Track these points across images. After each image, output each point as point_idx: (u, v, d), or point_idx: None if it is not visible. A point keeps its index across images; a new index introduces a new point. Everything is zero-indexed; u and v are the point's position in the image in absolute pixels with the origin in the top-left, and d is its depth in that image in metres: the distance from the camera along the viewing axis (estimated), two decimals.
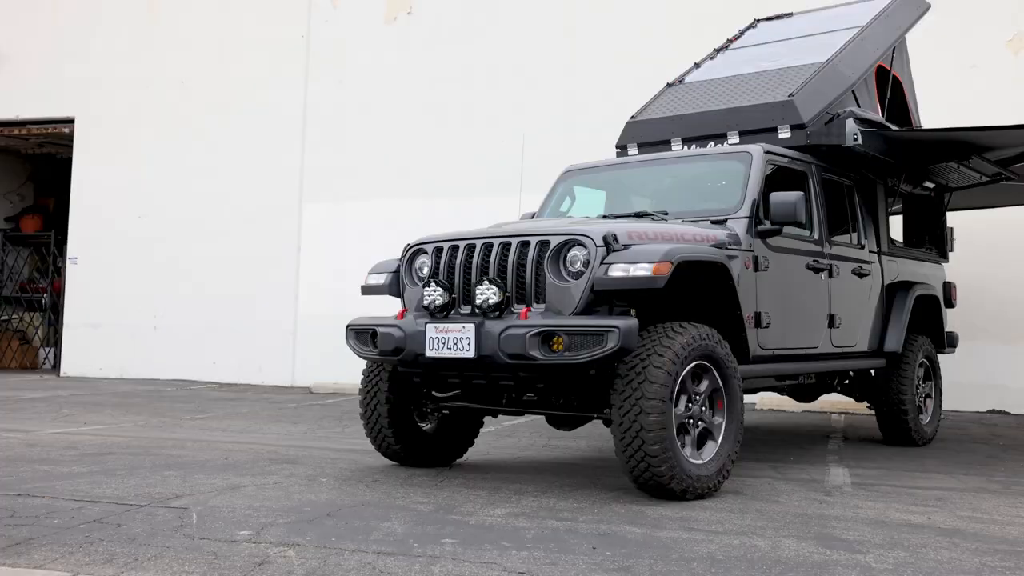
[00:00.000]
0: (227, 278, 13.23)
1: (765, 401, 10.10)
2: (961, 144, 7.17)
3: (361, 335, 5.40)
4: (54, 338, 16.07)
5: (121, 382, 13.02)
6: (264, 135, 13.31)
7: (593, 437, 7.32)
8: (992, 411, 10.05)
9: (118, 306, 13.81)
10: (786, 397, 7.68)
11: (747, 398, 6.99)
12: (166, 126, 13.89)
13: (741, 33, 8.35)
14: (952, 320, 8.33)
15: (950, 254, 8.39)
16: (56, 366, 15.02)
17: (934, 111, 8.96)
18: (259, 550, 3.63)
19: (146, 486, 4.96)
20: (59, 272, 16.02)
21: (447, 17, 12.64)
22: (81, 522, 4.07)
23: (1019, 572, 3.51)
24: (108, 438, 7.02)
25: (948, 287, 8.09)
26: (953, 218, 8.80)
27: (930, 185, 7.97)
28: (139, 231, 13.83)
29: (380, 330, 5.21)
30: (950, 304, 8.08)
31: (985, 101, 9.94)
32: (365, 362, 5.73)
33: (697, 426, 4.86)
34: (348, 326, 5.51)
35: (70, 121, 14.49)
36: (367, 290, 5.76)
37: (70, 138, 14.67)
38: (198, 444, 6.76)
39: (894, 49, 7.75)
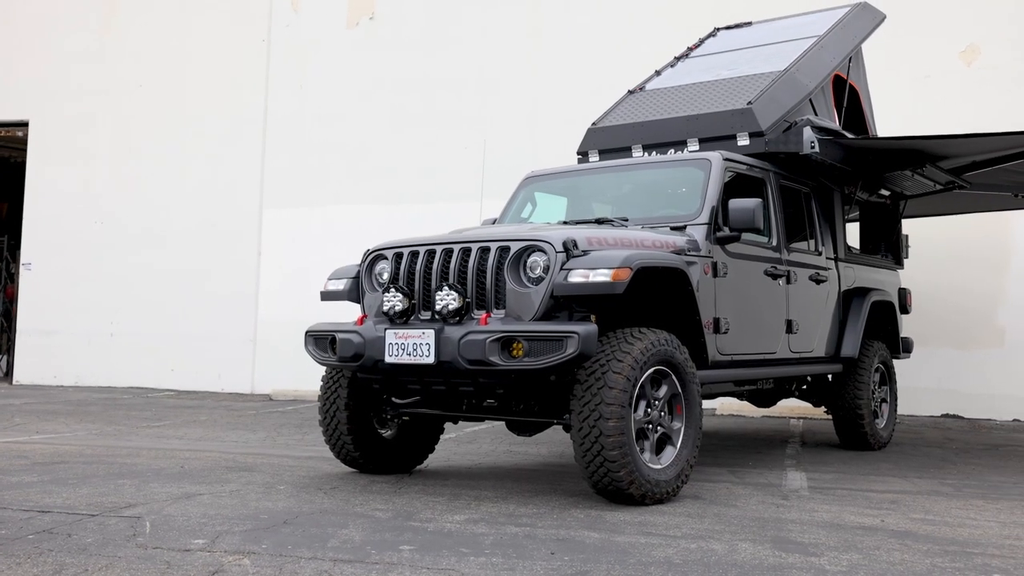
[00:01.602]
0: (185, 284, 13.06)
1: (724, 406, 10.18)
2: (915, 152, 7.30)
3: (320, 341, 5.37)
4: (7, 345, 15.75)
5: (76, 390, 12.80)
6: (223, 140, 13.17)
7: (554, 443, 7.34)
8: (946, 415, 10.21)
9: (73, 313, 13.57)
10: (745, 402, 7.76)
11: (706, 403, 7.06)
12: (123, 130, 13.69)
13: (701, 41, 8.43)
14: (907, 326, 8.46)
15: (905, 261, 8.53)
16: (8, 374, 14.71)
17: (889, 120, 9.13)
18: (213, 559, 3.58)
19: (98, 495, 4.87)
20: (12, 278, 15.71)
21: (410, 22, 12.61)
22: (30, 532, 3.99)
23: (968, 572, 3.56)
24: (60, 447, 6.89)
25: (903, 293, 8.22)
26: (908, 225, 8.95)
27: (886, 193, 8.09)
28: (95, 236, 13.61)
29: (339, 336, 5.18)
30: (905, 310, 8.21)
31: (939, 111, 10.13)
32: (325, 369, 5.69)
33: (656, 431, 4.88)
34: (307, 332, 5.47)
35: (24, 124, 14.23)
36: (326, 296, 5.72)
37: (24, 142, 14.40)
38: (153, 452, 6.66)
39: (851, 59, 7.87)
